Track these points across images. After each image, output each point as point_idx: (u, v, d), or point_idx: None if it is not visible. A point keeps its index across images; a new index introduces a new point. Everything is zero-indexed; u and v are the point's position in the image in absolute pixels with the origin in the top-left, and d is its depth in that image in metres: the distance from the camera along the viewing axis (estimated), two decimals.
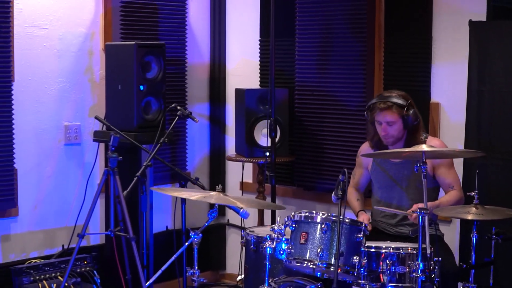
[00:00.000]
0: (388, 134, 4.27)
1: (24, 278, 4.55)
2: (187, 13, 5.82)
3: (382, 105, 4.22)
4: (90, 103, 5.37)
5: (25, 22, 4.97)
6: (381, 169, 4.44)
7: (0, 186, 4.83)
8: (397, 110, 4.21)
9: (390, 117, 4.22)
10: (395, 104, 4.21)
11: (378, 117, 4.27)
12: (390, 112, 4.22)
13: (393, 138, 4.28)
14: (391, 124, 4.24)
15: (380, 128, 4.29)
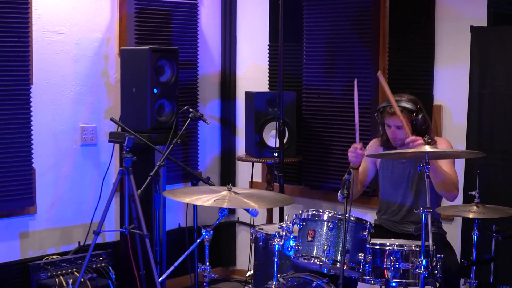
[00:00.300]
0: (397, 137, 4.25)
1: (42, 273, 4.57)
2: (199, 19, 5.83)
3: (390, 108, 4.20)
4: (106, 105, 5.39)
5: (43, 28, 4.99)
6: (388, 166, 4.46)
7: (19, 185, 4.86)
8: (406, 115, 4.18)
9: (399, 122, 4.19)
10: (405, 109, 4.18)
11: (388, 120, 4.26)
12: (398, 117, 4.18)
13: (402, 141, 4.23)
14: (400, 128, 4.22)
15: (390, 131, 4.28)
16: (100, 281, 4.63)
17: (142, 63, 4.84)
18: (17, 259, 4.96)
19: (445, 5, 4.92)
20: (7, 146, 4.78)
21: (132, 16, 5.35)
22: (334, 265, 3.76)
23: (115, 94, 5.35)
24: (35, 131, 4.93)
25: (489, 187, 4.48)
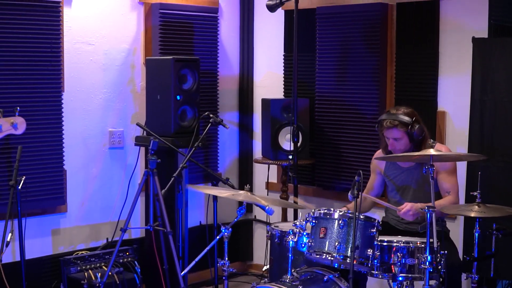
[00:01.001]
0: (396, 148, 4.26)
1: (72, 268, 4.58)
2: (219, 30, 5.84)
3: (389, 124, 4.20)
4: (132, 111, 5.41)
5: (74, 39, 5.01)
6: (393, 173, 4.45)
7: (51, 186, 4.88)
8: (402, 128, 4.18)
9: (396, 134, 4.21)
10: (400, 123, 4.18)
11: (386, 133, 4.26)
12: (396, 130, 4.20)
13: (401, 151, 4.24)
14: (397, 140, 4.23)
15: (389, 142, 4.28)
16: (126, 274, 4.64)
17: (166, 72, 4.85)
18: (49, 254, 4.99)
19: (448, 18, 4.90)
20: (40, 149, 4.80)
21: (156, 28, 5.36)
22: (344, 260, 3.76)
23: (141, 100, 5.37)
24: (66, 135, 4.96)
25: (490, 187, 4.44)
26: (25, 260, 4.33)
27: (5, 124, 3.07)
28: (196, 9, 5.63)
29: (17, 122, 3.12)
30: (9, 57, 4.61)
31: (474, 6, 4.75)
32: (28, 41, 4.68)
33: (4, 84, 4.57)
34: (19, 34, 4.64)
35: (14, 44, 4.62)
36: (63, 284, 4.57)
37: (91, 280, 4.49)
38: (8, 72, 4.61)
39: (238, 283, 5.78)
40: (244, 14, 6.08)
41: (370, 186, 4.61)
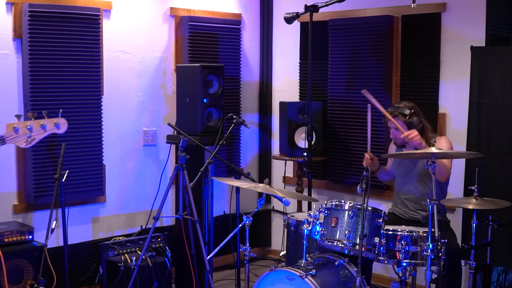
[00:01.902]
0: (396, 137, 4.31)
1: (110, 252, 4.59)
2: (241, 40, 5.84)
3: (390, 113, 4.28)
4: (164, 112, 5.41)
5: (112, 48, 5.03)
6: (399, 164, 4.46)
7: (91, 179, 4.90)
8: (401, 118, 4.25)
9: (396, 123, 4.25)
10: (400, 113, 4.25)
11: (388, 123, 4.32)
12: (396, 120, 4.26)
13: (401, 140, 4.28)
14: (397, 129, 4.27)
15: (391, 132, 4.34)
16: (158, 258, 4.65)
17: (194, 78, 4.85)
18: (89, 240, 5.01)
19: (449, 28, 4.87)
20: (81, 146, 4.82)
21: (186, 38, 5.37)
22: (353, 247, 3.76)
23: (172, 103, 5.37)
24: (105, 133, 4.97)
25: (486, 182, 4.42)
26: (67, 245, 4.35)
27: (49, 124, 3.08)
28: (221, 21, 5.64)
29: (60, 123, 3.13)
30: (55, 64, 4.63)
31: (473, 17, 4.72)
32: (72, 50, 4.70)
33: (50, 88, 4.60)
34: (64, 43, 4.65)
35: (60, 53, 4.64)
36: (102, 266, 4.58)
37: (127, 263, 4.50)
38: (54, 77, 4.63)
39: (258, 266, 5.77)
40: (264, 25, 6.08)
41: (387, 166, 4.68)
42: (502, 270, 4.71)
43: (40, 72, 4.55)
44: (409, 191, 4.37)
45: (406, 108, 4.27)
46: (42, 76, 4.57)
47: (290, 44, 5.94)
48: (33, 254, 4.11)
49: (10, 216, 4.57)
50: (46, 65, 4.58)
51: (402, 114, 4.24)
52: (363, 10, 5.31)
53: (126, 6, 5.09)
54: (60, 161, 4.31)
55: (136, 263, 4.42)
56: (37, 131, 3.01)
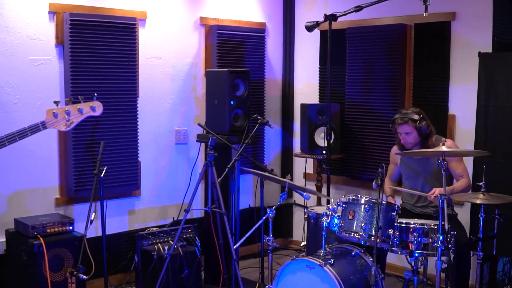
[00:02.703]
0: (407, 141, 4.27)
1: (144, 241, 4.60)
2: (266, 47, 5.84)
3: (400, 121, 4.24)
4: (194, 113, 5.43)
5: (147, 54, 5.05)
6: (406, 165, 4.43)
7: (128, 174, 4.93)
8: (411, 124, 4.21)
9: (407, 129, 4.23)
10: (410, 119, 4.20)
11: (398, 129, 4.28)
12: (405, 125, 4.23)
13: (411, 144, 4.27)
14: (408, 134, 4.24)
15: (400, 137, 4.29)
16: (188, 248, 4.66)
17: (222, 82, 4.86)
18: (126, 230, 5.05)
19: (458, 36, 4.84)
20: (119, 145, 4.86)
21: (214, 46, 5.38)
22: (369, 239, 3.76)
23: (201, 105, 5.39)
24: (141, 133, 5.00)
25: (492, 179, 4.37)
26: (106, 235, 4.37)
27: (85, 108, 3.05)
28: (247, 29, 5.64)
29: (95, 106, 3.10)
30: (95, 69, 4.67)
31: (480, 26, 4.68)
32: (110, 56, 4.74)
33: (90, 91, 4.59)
34: (102, 50, 4.69)
35: (99, 59, 4.68)
36: (137, 255, 4.60)
37: (160, 251, 4.52)
38: (93, 81, 4.67)
39: (280, 256, 5.77)
40: (286, 33, 6.07)
41: (391, 172, 4.65)
42: (508, 261, 4.66)
43: (80, 76, 4.59)
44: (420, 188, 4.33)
45: (414, 113, 4.24)
46: (83, 80, 4.61)
47: (311, 51, 5.92)
48: (73, 243, 4.14)
49: (52, 208, 4.62)
50: (86, 70, 4.62)
51: (412, 119, 4.20)
52: (379, 19, 5.28)
53: (160, 16, 5.11)
54: (99, 158, 4.34)
55: (168, 252, 4.43)
56: (75, 114, 3.00)
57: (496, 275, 4.66)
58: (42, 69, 4.51)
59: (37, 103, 4.48)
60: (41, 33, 4.47)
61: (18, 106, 4.40)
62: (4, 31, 4.31)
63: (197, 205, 5.44)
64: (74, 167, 4.62)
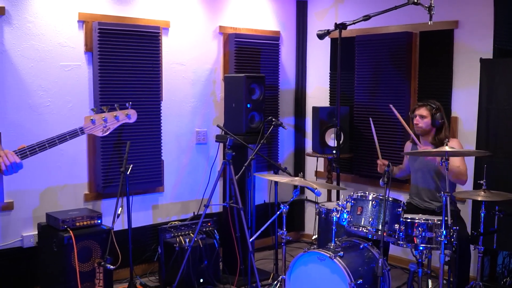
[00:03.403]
0: (419, 124, 4.27)
1: (167, 234, 4.60)
2: (280, 54, 5.81)
3: (421, 103, 4.31)
4: (214, 115, 5.42)
5: (170, 61, 5.05)
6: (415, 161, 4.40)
7: (152, 172, 4.93)
8: (428, 108, 4.23)
9: (423, 112, 4.25)
10: (429, 104, 4.25)
11: (417, 111, 4.29)
12: (424, 108, 4.25)
13: (422, 128, 4.26)
14: (422, 118, 4.24)
15: (415, 119, 4.29)
16: (208, 240, 4.65)
17: (239, 86, 4.85)
18: (150, 224, 5.05)
19: (461, 43, 4.78)
20: (144, 145, 4.86)
21: (232, 52, 5.37)
22: (376, 233, 3.72)
23: (220, 107, 5.38)
24: (164, 134, 5.00)
25: (493, 177, 4.32)
26: (131, 228, 4.38)
27: (121, 115, 3.08)
28: (262, 37, 5.62)
29: (130, 113, 3.12)
30: (121, 74, 4.67)
31: (482, 33, 4.63)
32: (135, 62, 4.74)
33: (117, 95, 4.64)
34: (128, 56, 4.69)
35: (125, 64, 4.68)
36: (160, 246, 4.60)
37: (181, 243, 4.51)
38: (120, 85, 4.67)
39: (293, 248, 5.74)
40: (299, 41, 6.04)
41: (403, 165, 4.65)
42: (507, 254, 4.62)
43: (108, 81, 4.60)
44: (424, 185, 4.29)
45: (433, 103, 4.27)
46: (110, 85, 4.61)
47: (322, 57, 5.89)
48: (101, 236, 4.14)
49: (81, 203, 4.63)
50: (113, 75, 4.62)
51: (431, 105, 4.24)
52: (386, 27, 5.24)
53: (182, 25, 5.11)
54: (125, 157, 4.34)
55: (189, 244, 4.43)
56: (111, 121, 3.01)
57: (496, 268, 4.61)
58: (72, 74, 4.51)
59: (68, 106, 4.50)
60: (71, 40, 4.48)
61: (50, 108, 4.42)
62: (37, 38, 4.32)
63: (216, 201, 5.43)
64: (102, 165, 4.62)
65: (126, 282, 4.58)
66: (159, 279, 4.75)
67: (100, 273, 4.09)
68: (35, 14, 4.30)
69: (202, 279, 4.57)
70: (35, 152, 2.73)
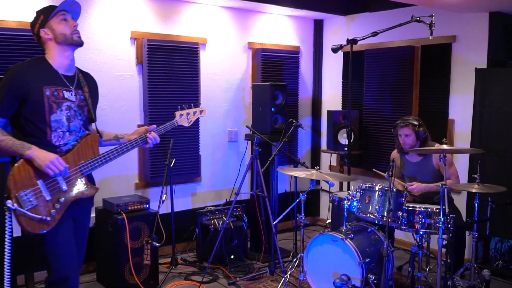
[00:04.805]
0: (405, 142, 4.01)
1: (204, 217, 4.57)
2: (299, 65, 5.71)
3: (402, 124, 4.00)
4: (243, 117, 5.34)
5: (207, 71, 4.99)
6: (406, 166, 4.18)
7: (191, 165, 4.88)
8: (411, 127, 3.96)
9: (407, 131, 3.97)
10: (410, 123, 3.96)
11: (400, 131, 4.02)
12: (407, 128, 3.97)
13: (409, 145, 4.00)
14: (407, 136, 3.99)
15: (400, 139, 4.04)
16: (237, 223, 4.60)
17: (265, 93, 4.78)
18: (189, 208, 4.99)
19: (458, 55, 4.61)
20: (185, 142, 4.81)
21: (259, 64, 5.29)
22: (382, 219, 3.62)
23: (249, 111, 5.30)
24: (201, 133, 4.95)
25: (486, 172, 4.17)
26: (174, 212, 4.35)
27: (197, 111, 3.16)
28: (285, 51, 5.53)
29: (203, 110, 3.20)
30: (166, 83, 4.63)
31: (477, 46, 4.46)
32: (178, 72, 4.69)
33: (162, 100, 4.61)
34: (172, 68, 4.65)
35: (169, 74, 4.64)
36: (198, 227, 4.56)
37: (216, 225, 4.47)
38: (165, 92, 4.63)
39: (310, 230, 5.64)
40: (316, 54, 5.93)
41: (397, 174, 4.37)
42: (499, 240, 4.46)
43: (155, 88, 4.56)
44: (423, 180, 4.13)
45: (414, 120, 4.00)
46: (157, 91, 4.57)
47: (335, 68, 5.77)
48: (149, 218, 4.11)
49: (132, 191, 4.59)
50: (159, 83, 4.58)
51: (412, 124, 3.96)
52: (391, 42, 5.09)
53: (217, 41, 5.04)
54: (169, 152, 4.32)
55: (222, 226, 4.39)
56: (193, 115, 3.06)
57: (489, 252, 4.45)
58: (125, 82, 4.48)
59: (121, 109, 4.46)
60: (125, 54, 4.44)
61: (107, 111, 4.38)
62: (95, 52, 4.29)
63: (245, 190, 5.36)
64: (150, 159, 4.58)
65: (169, 257, 4.58)
66: (196, 255, 4.70)
67: (148, 249, 4.05)
68: (93, 32, 4.27)
69: (232, 256, 4.52)
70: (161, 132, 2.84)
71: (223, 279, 4.21)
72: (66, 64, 2.55)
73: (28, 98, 2.39)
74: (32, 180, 2.37)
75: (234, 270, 4.38)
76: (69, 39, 2.51)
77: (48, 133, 2.45)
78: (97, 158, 2.62)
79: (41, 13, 2.55)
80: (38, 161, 2.36)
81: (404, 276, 4.25)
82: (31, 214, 2.33)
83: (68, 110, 2.51)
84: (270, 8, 5.21)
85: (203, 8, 4.90)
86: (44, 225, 2.38)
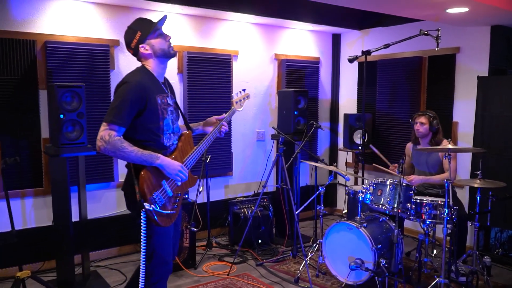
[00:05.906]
0: (419, 130, 4.00)
1: (235, 206, 4.59)
2: (319, 73, 5.68)
3: (420, 113, 4.02)
4: (270, 120, 5.34)
5: (238, 79, 5.01)
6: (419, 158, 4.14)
7: (224, 161, 4.91)
8: (427, 117, 3.96)
9: (423, 120, 3.97)
10: (427, 114, 3.97)
11: (417, 119, 4.02)
12: (423, 117, 3.97)
13: (422, 133, 3.99)
14: (422, 124, 3.97)
15: (416, 126, 4.03)
16: (264, 211, 4.61)
17: (289, 98, 4.76)
18: (222, 199, 5.02)
19: (461, 64, 4.51)
20: (219, 141, 4.84)
21: (284, 73, 5.28)
22: (392, 210, 3.57)
23: (274, 114, 5.30)
24: (233, 133, 4.97)
25: (486, 169, 4.07)
26: (209, 202, 4.38)
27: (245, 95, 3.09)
28: (306, 62, 5.50)
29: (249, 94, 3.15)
30: (203, 90, 4.67)
31: (479, 56, 4.36)
32: (213, 80, 4.72)
33: (200, 105, 4.65)
34: (208, 76, 4.68)
35: (206, 82, 4.67)
36: (230, 215, 4.59)
37: (245, 214, 4.49)
38: (202, 98, 4.67)
39: (328, 219, 5.60)
40: (334, 64, 5.88)
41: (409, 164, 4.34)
42: (499, 230, 4.34)
43: (194, 94, 4.60)
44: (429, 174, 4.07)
45: (431, 112, 4.01)
46: (195, 97, 4.61)
47: (351, 76, 5.71)
48: (188, 207, 4.16)
49: None
50: (197, 90, 4.62)
51: (428, 115, 3.97)
52: (401, 53, 5.02)
53: (247, 53, 5.05)
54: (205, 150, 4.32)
55: (251, 214, 4.40)
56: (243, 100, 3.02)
57: (489, 241, 4.34)
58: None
59: None
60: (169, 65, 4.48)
61: None
62: None
63: (271, 183, 5.36)
64: None
65: (205, 240, 4.61)
66: (228, 239, 4.73)
67: (187, 234, 4.10)
68: None
69: (260, 240, 4.53)
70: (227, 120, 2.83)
71: (251, 261, 4.23)
72: (162, 73, 2.52)
73: (147, 107, 2.35)
74: (158, 182, 2.37)
75: (261, 253, 4.40)
76: (167, 53, 2.47)
77: (161, 136, 2.43)
78: (194, 152, 2.58)
79: (137, 30, 2.41)
80: (168, 169, 2.36)
81: (412, 260, 4.19)
82: (164, 211, 2.35)
83: (171, 114, 2.49)
84: (293, 24, 5.20)
85: (235, 25, 4.93)
86: (172, 218, 2.41)
